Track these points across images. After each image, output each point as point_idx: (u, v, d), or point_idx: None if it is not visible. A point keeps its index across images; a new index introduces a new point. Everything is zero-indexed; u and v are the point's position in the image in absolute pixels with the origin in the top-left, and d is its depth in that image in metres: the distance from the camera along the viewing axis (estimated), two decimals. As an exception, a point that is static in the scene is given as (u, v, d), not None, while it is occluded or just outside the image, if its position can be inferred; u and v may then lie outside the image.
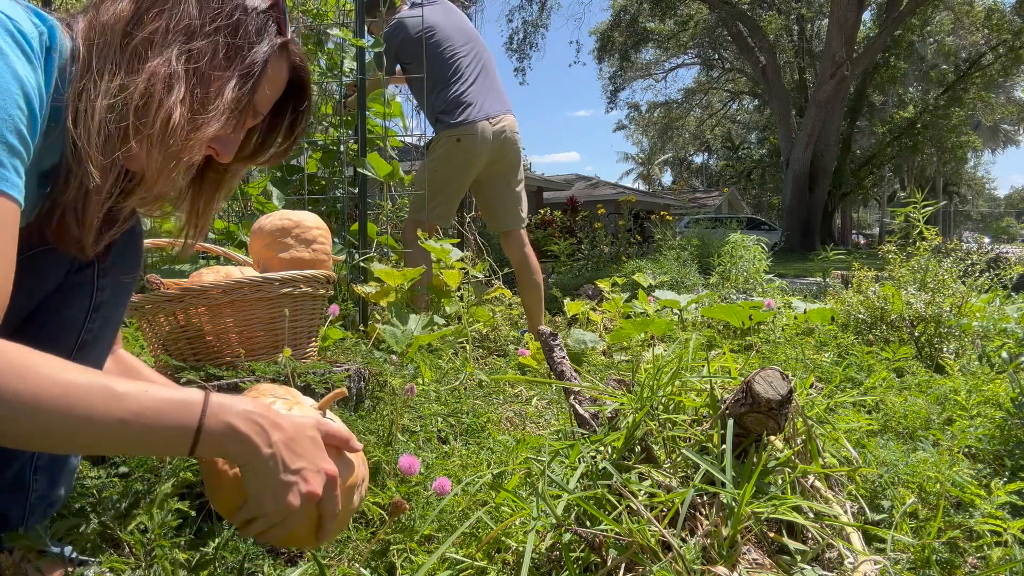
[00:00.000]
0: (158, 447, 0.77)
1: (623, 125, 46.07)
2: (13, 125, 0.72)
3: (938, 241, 3.13)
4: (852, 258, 4.67)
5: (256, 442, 0.76)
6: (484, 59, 3.23)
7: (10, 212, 0.71)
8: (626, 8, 27.82)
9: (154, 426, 0.72)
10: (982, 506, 1.17)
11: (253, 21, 0.90)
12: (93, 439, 0.71)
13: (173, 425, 0.73)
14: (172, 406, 0.73)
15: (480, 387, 2.18)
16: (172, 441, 0.74)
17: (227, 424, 0.75)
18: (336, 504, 0.83)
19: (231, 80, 0.87)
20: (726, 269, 4.64)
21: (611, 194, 21.95)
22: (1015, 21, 24.06)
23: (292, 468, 0.78)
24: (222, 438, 0.75)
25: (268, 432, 0.77)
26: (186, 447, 0.74)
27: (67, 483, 1.07)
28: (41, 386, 0.67)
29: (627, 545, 0.97)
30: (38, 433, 0.68)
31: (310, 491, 0.79)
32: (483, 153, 3.12)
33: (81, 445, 0.74)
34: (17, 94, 0.72)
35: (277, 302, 1.64)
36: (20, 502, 0.99)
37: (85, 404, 0.68)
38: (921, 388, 1.96)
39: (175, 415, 0.73)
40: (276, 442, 0.77)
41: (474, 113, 3.08)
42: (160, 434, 0.73)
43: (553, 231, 9.43)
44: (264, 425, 0.77)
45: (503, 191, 3.28)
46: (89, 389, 0.69)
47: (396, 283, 2.75)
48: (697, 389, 1.39)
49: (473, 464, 1.41)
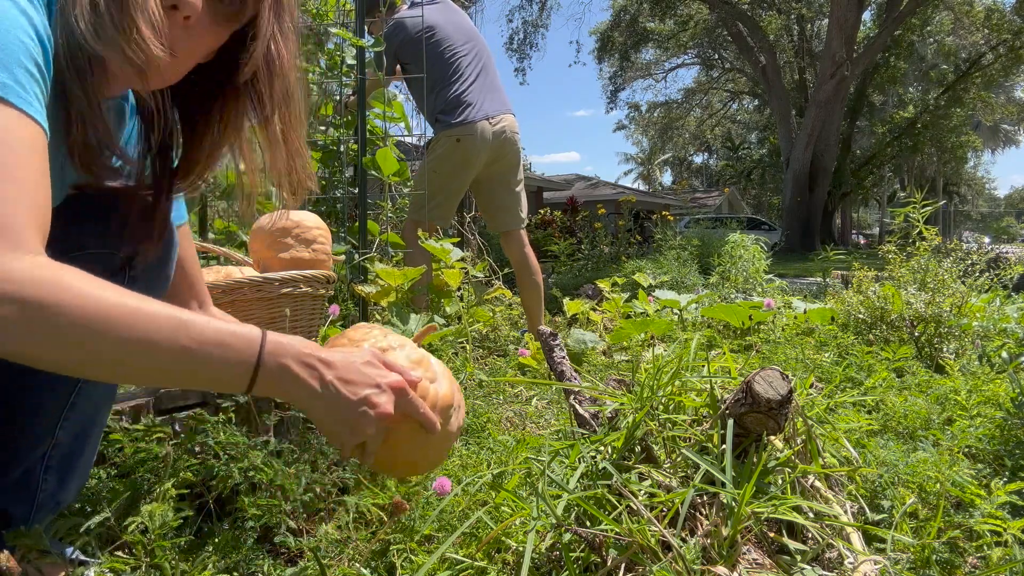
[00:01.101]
0: (217, 380, 0.76)
1: (623, 125, 46.11)
2: (28, 53, 0.70)
3: (938, 241, 3.13)
4: (852, 258, 4.67)
5: (311, 383, 0.77)
6: (484, 59, 3.22)
7: (40, 138, 0.69)
8: (626, 8, 27.82)
9: (215, 357, 0.71)
10: (982, 506, 1.17)
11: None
12: (155, 366, 0.69)
13: (234, 359, 0.73)
14: (235, 339, 0.73)
15: (480, 387, 2.18)
16: (231, 375, 0.74)
17: (282, 365, 0.75)
18: (418, 406, 0.85)
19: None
20: (726, 269, 4.63)
21: (611, 194, 21.96)
22: (1015, 21, 24.05)
23: (356, 399, 0.79)
24: (279, 378, 0.75)
25: (321, 371, 0.78)
26: (244, 383, 0.74)
27: (78, 483, 1.07)
28: (108, 307, 0.65)
29: (627, 545, 0.97)
30: (103, 356, 0.66)
31: (380, 411, 0.80)
32: (482, 153, 3.11)
33: (142, 371, 0.72)
34: (23, 21, 0.71)
35: (277, 302, 1.64)
36: (26, 500, 0.98)
37: (152, 327, 0.67)
38: (921, 388, 1.96)
39: (237, 348, 0.73)
40: (330, 380, 0.78)
41: (473, 113, 3.08)
42: (220, 366, 0.72)
43: (553, 231, 9.43)
44: (315, 365, 0.78)
45: (503, 191, 3.28)
46: (155, 314, 0.68)
47: (396, 283, 2.75)
48: (697, 389, 1.39)
49: (473, 464, 1.41)
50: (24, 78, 0.69)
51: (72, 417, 0.99)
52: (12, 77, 0.67)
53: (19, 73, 0.68)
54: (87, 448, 1.05)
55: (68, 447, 1.01)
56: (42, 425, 0.97)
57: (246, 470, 1.22)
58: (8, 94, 0.67)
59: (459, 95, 3.09)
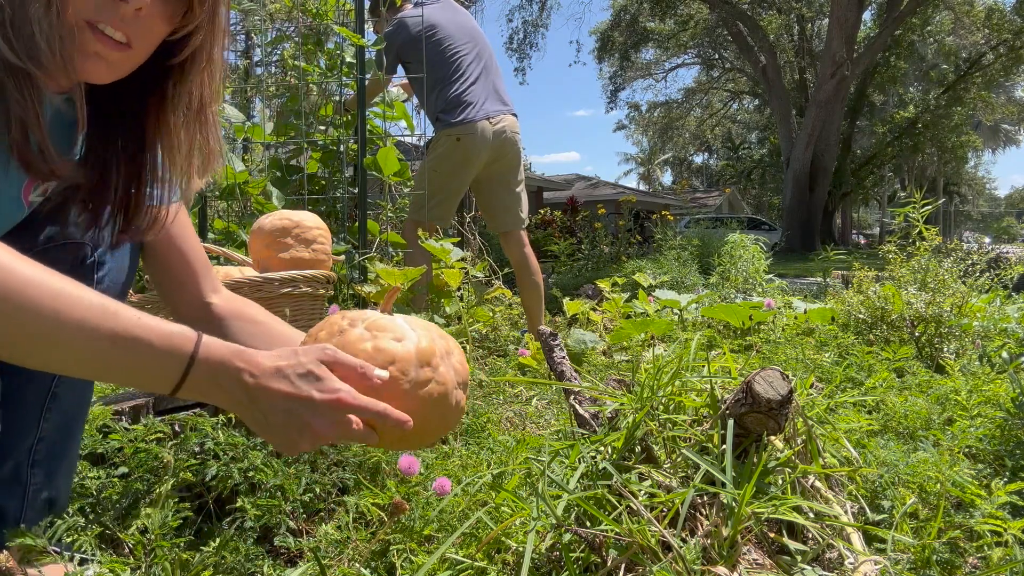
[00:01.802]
0: (143, 375, 0.72)
1: (623, 125, 46.13)
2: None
3: (938, 241, 3.13)
4: (852, 258, 4.67)
5: (237, 396, 0.74)
6: (486, 58, 3.22)
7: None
8: (626, 8, 27.83)
9: (143, 350, 0.69)
10: (982, 506, 1.17)
11: None
12: (80, 352, 0.67)
13: (163, 351, 0.70)
14: (165, 333, 0.71)
15: (480, 387, 2.18)
16: (159, 369, 0.71)
17: (219, 362, 0.73)
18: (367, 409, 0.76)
19: None
20: (726, 269, 4.63)
21: (611, 194, 21.96)
22: (1015, 21, 24.07)
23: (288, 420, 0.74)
24: (210, 382, 0.72)
25: (247, 383, 0.73)
26: (172, 381, 0.71)
27: (66, 480, 1.07)
28: (31, 285, 0.64)
29: (627, 545, 0.97)
30: (23, 337, 0.65)
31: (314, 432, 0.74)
32: (483, 153, 3.11)
33: (64, 359, 0.69)
34: None
35: (277, 302, 1.64)
36: (17, 496, 0.99)
37: (78, 313, 0.66)
38: (921, 388, 1.96)
39: (168, 342, 0.70)
40: (255, 393, 0.73)
41: (474, 112, 3.08)
42: (148, 360, 0.70)
43: (553, 231, 9.43)
44: (244, 378, 0.73)
45: (503, 192, 3.28)
46: (82, 299, 0.67)
47: (396, 283, 2.75)
48: (697, 389, 1.39)
49: (473, 464, 1.41)
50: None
51: (55, 408, 0.99)
52: None
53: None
54: (72, 441, 1.06)
55: (53, 439, 1.01)
56: (26, 417, 0.98)
57: (246, 470, 1.23)
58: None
59: (460, 95, 3.09)
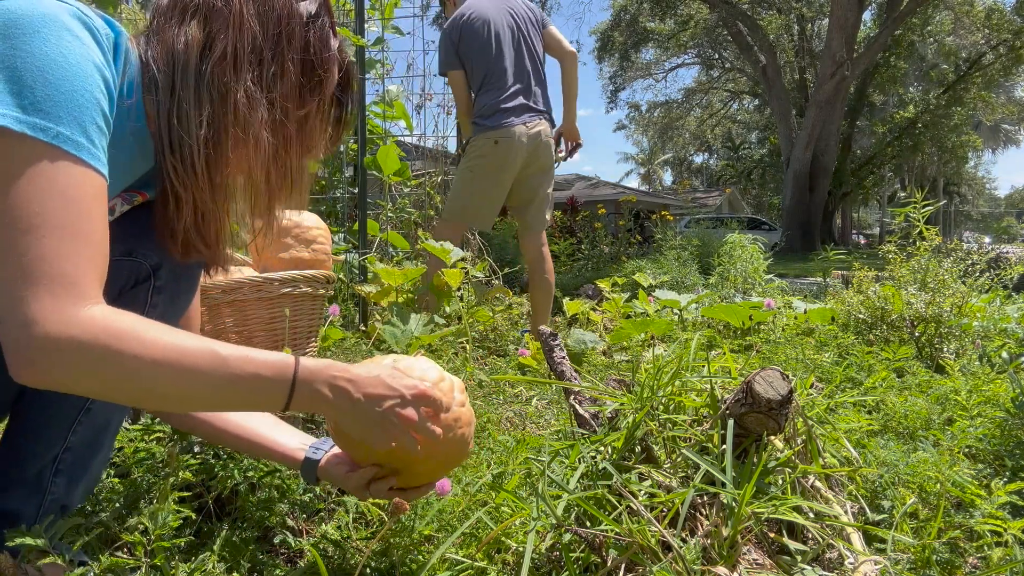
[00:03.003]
0: (255, 405, 0.87)
1: (623, 125, 46.11)
2: (100, 108, 0.78)
3: (938, 241, 3.13)
4: (852, 258, 4.67)
5: (341, 403, 0.87)
6: (529, 58, 3.22)
7: (104, 189, 0.78)
8: (626, 8, 27.81)
9: (252, 388, 0.82)
10: (982, 506, 1.17)
11: (313, 30, 0.96)
12: (199, 396, 0.81)
13: (268, 388, 0.83)
14: (268, 370, 0.83)
15: (480, 387, 2.17)
16: (267, 401, 0.84)
17: (314, 390, 0.85)
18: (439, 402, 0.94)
19: (306, 94, 0.96)
20: (726, 269, 4.63)
21: (611, 194, 21.95)
22: (1015, 21, 24.06)
23: (383, 410, 0.89)
24: (312, 401, 0.86)
25: (349, 391, 0.87)
26: (279, 406, 0.85)
27: (84, 491, 1.07)
28: (161, 350, 0.75)
29: (627, 545, 0.97)
30: (157, 392, 0.77)
31: (405, 418, 0.89)
32: (519, 157, 3.13)
33: (189, 401, 0.83)
34: (98, 79, 0.79)
35: (277, 302, 1.64)
36: (35, 502, 0.99)
37: (196, 367, 0.78)
38: (921, 388, 1.96)
39: (271, 378, 0.83)
40: (358, 398, 0.88)
41: (511, 118, 3.09)
42: (258, 395, 0.83)
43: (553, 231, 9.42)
44: (344, 386, 0.87)
45: (534, 194, 3.29)
46: (198, 352, 0.78)
47: (396, 283, 2.75)
48: (697, 389, 1.39)
49: (473, 464, 1.41)
50: (95, 134, 0.78)
51: (86, 422, 1.00)
52: (85, 135, 0.76)
53: (91, 130, 0.77)
54: (99, 454, 1.06)
55: (80, 451, 1.02)
56: (57, 426, 0.99)
57: (246, 470, 1.23)
58: (81, 152, 0.76)
59: (500, 99, 3.10)
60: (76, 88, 0.76)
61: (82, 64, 0.77)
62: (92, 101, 0.77)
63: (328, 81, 0.98)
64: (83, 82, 0.76)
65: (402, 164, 3.16)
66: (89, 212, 0.75)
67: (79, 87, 0.76)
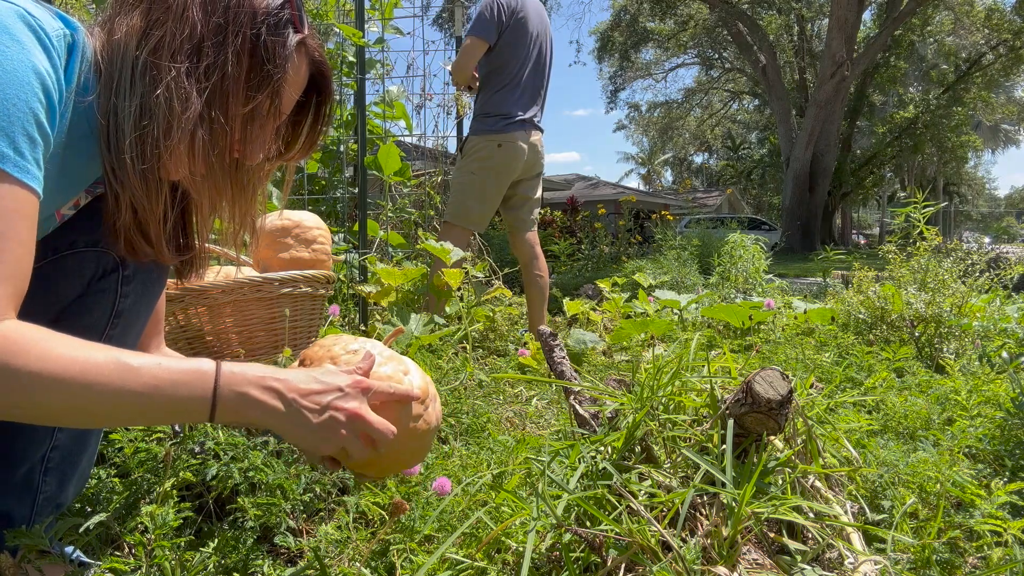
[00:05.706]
0: (178, 416, 0.79)
1: (623, 125, 46.07)
2: (34, 117, 0.74)
3: (938, 241, 3.13)
4: (852, 258, 4.66)
5: (273, 404, 0.80)
6: (541, 64, 3.27)
7: (30, 203, 0.73)
8: (626, 8, 27.82)
9: (170, 397, 0.75)
10: (982, 506, 1.17)
11: (267, 24, 0.88)
12: (114, 412, 0.74)
13: (188, 396, 0.76)
14: (186, 377, 0.76)
15: (480, 387, 2.17)
16: (190, 411, 0.77)
17: (240, 393, 0.78)
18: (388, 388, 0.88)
19: (251, 90, 0.88)
20: (726, 269, 4.63)
21: (611, 194, 21.96)
22: (1015, 21, 24.06)
23: (320, 407, 0.82)
24: (240, 405, 0.78)
25: (280, 390, 0.80)
26: (204, 415, 0.77)
27: (77, 486, 1.07)
28: (61, 365, 0.69)
29: (627, 545, 0.97)
30: (63, 409, 0.71)
31: (350, 412, 0.83)
32: (519, 162, 3.20)
33: (103, 418, 0.77)
34: (36, 86, 0.74)
35: (277, 302, 1.64)
36: (27, 503, 0.99)
37: (103, 380, 0.71)
38: (921, 388, 1.96)
39: (190, 386, 0.76)
40: (292, 398, 0.81)
41: (515, 124, 3.16)
42: (178, 405, 0.76)
43: (553, 231, 9.41)
44: (274, 386, 0.80)
45: (526, 197, 3.38)
46: (105, 365, 0.72)
47: (396, 283, 2.75)
48: (697, 389, 1.39)
49: (473, 464, 1.41)
50: (24, 145, 0.72)
51: None
52: (12, 146, 0.71)
53: (20, 141, 0.72)
54: (87, 450, 1.06)
55: (68, 448, 1.01)
56: (41, 427, 0.97)
57: (246, 470, 1.22)
58: (5, 164, 0.71)
59: (509, 107, 3.15)
60: (7, 96, 0.71)
61: (18, 70, 0.72)
62: (24, 110, 0.72)
63: (281, 78, 0.89)
64: (15, 89, 0.72)
65: (403, 164, 3.16)
66: (9, 228, 0.70)
67: (11, 95, 0.71)
